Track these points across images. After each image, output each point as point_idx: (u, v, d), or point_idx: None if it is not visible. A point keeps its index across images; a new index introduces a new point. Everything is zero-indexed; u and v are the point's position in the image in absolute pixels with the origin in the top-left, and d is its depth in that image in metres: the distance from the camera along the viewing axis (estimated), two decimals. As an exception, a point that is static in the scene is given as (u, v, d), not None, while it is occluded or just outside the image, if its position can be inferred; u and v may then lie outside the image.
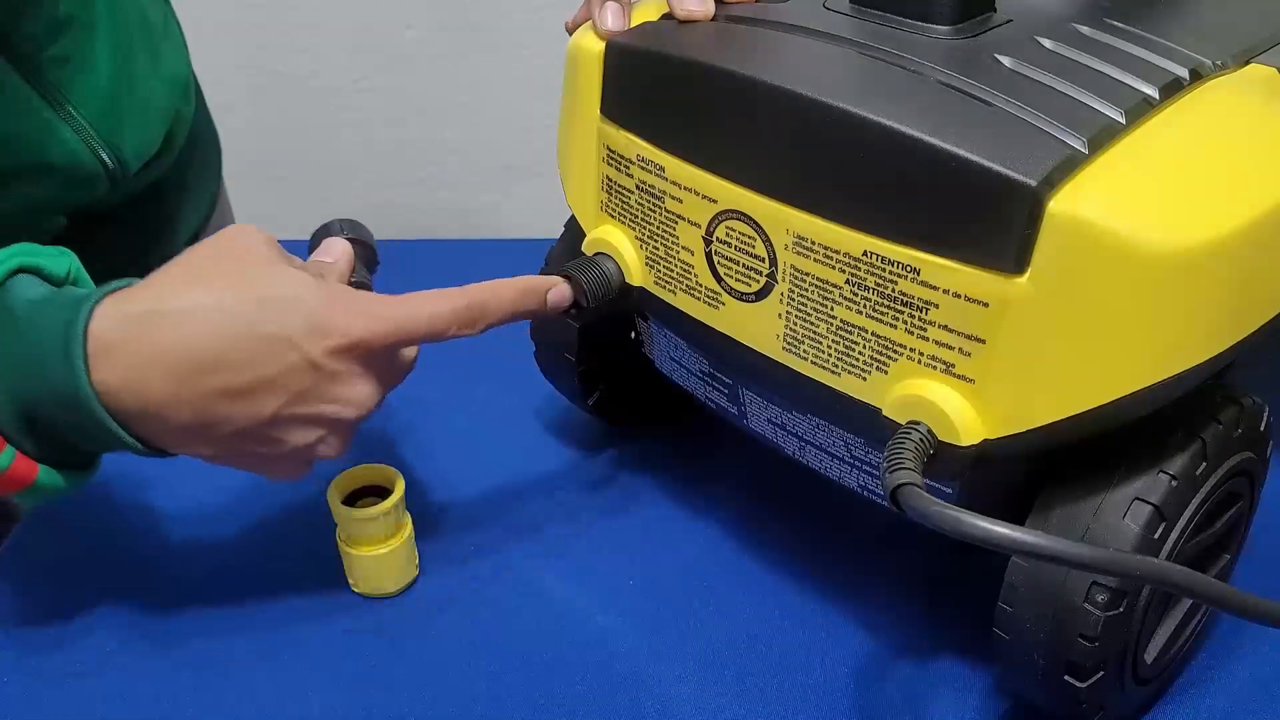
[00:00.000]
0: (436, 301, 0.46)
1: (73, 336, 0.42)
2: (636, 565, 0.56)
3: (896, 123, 0.38)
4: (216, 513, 0.59)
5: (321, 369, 0.44)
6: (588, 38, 0.49)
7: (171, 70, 0.71)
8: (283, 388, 0.44)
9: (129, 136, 0.64)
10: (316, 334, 0.44)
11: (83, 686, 0.50)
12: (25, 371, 0.43)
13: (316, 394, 0.45)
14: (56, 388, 0.43)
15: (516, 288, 0.49)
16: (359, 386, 0.46)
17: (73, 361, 0.42)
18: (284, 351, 0.44)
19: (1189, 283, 0.37)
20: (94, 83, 0.61)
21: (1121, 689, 0.44)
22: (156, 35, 0.69)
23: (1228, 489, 0.44)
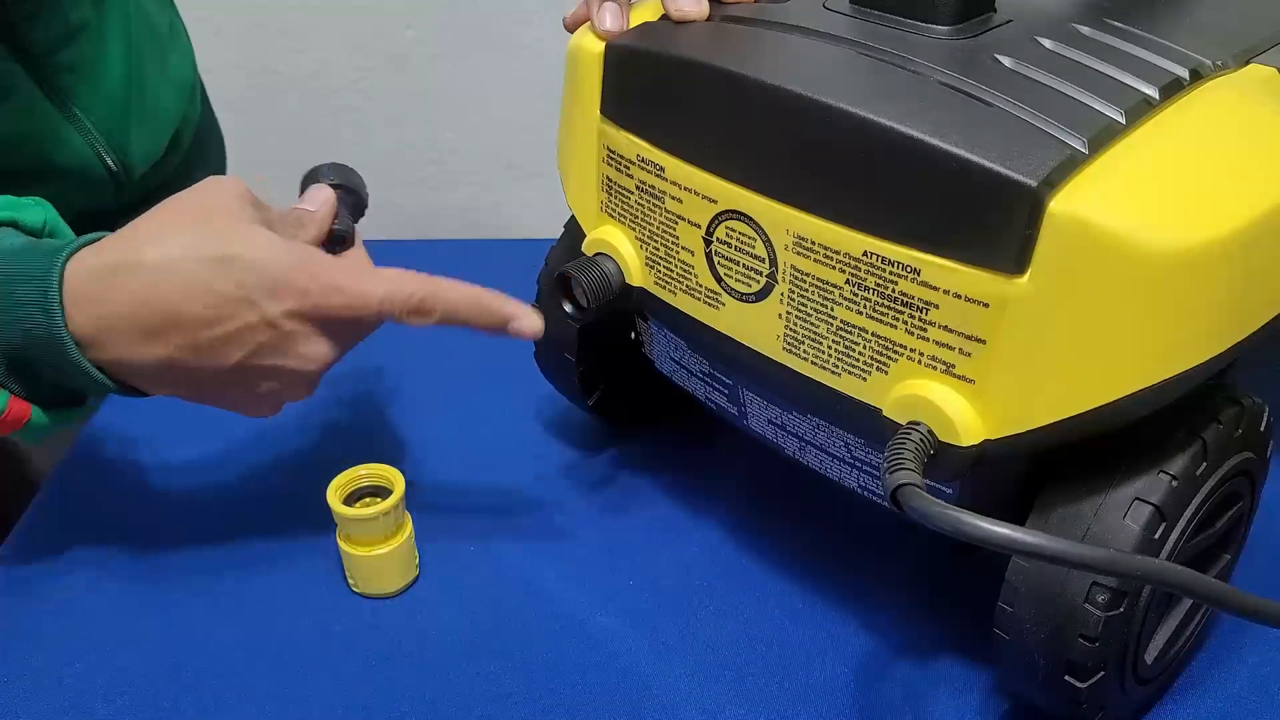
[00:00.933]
0: (394, 284, 0.48)
1: (49, 286, 0.45)
2: (636, 565, 0.56)
3: (897, 123, 0.38)
4: (216, 512, 0.59)
5: (278, 327, 0.47)
6: (588, 38, 0.49)
7: (179, 75, 0.71)
8: (242, 343, 0.47)
9: (135, 142, 0.64)
10: (273, 296, 0.46)
11: (82, 686, 0.50)
12: (7, 319, 0.45)
13: (274, 350, 0.47)
14: (37, 335, 0.45)
15: (476, 303, 0.50)
16: (316, 344, 0.48)
17: (50, 310, 0.45)
18: (243, 310, 0.46)
19: (1189, 283, 0.37)
20: (103, 89, 0.62)
21: (1122, 689, 0.44)
22: (163, 41, 0.69)
23: (1228, 489, 0.44)
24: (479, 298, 0.50)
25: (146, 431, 0.65)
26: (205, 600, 0.54)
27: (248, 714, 0.49)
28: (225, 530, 0.58)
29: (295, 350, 0.48)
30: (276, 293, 0.46)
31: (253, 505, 0.60)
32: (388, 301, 0.48)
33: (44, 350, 0.46)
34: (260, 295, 0.46)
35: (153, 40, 0.67)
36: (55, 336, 0.45)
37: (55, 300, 0.45)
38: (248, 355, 0.47)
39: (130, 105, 0.64)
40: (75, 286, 0.45)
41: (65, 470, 0.63)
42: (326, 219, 0.53)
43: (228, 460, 0.63)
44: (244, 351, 0.47)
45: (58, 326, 0.45)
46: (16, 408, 0.47)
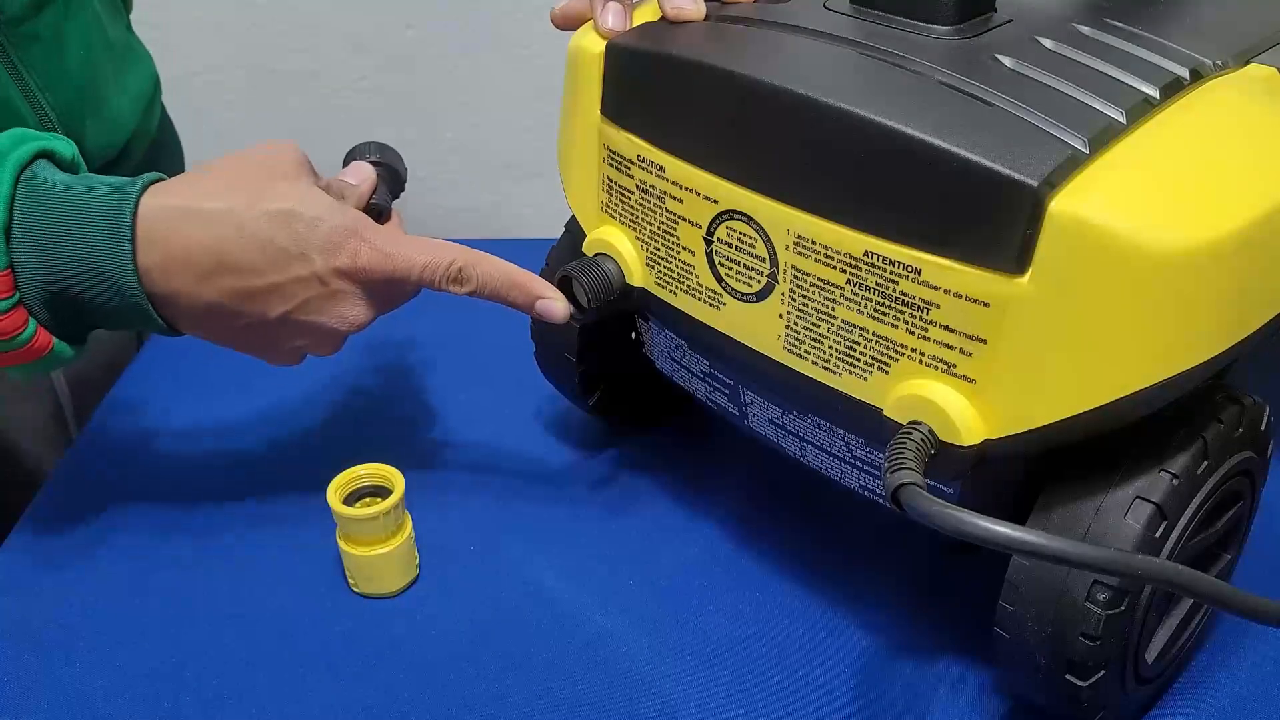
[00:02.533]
0: (436, 252, 0.50)
1: (121, 218, 0.47)
2: (636, 565, 0.56)
3: (897, 123, 0.38)
4: (216, 512, 0.59)
5: (327, 284, 0.49)
6: (588, 38, 0.49)
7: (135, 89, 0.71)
8: (289, 295, 0.49)
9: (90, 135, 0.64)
10: (327, 253, 0.49)
11: (82, 686, 0.50)
12: (64, 249, 0.47)
13: (317, 306, 0.50)
14: (100, 266, 0.47)
15: (509, 279, 0.52)
16: (356, 306, 0.51)
17: (120, 242, 0.47)
18: (295, 264, 0.48)
19: (1190, 283, 0.37)
20: (64, 69, 0.62)
21: (1123, 688, 0.44)
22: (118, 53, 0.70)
23: (1229, 488, 0.44)
24: (512, 274, 0.52)
25: (146, 431, 0.65)
26: (205, 600, 0.54)
27: (248, 714, 0.49)
28: (225, 530, 0.58)
29: (336, 309, 0.50)
30: (330, 250, 0.49)
31: (252, 505, 0.60)
32: (430, 268, 0.50)
33: (99, 282, 0.47)
34: (315, 251, 0.48)
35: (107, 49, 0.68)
36: (120, 268, 0.47)
37: (127, 234, 0.47)
38: (292, 309, 0.49)
39: (86, 97, 0.64)
40: (144, 223, 0.47)
41: (65, 470, 0.63)
42: (365, 193, 0.56)
43: (227, 460, 0.63)
44: (289, 305, 0.49)
45: (125, 259, 0.47)
46: (41, 338, 0.48)
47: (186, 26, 1.21)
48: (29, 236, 0.47)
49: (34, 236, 0.47)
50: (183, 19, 1.20)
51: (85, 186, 0.48)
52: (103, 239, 0.47)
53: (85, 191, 0.47)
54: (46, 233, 0.47)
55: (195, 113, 1.12)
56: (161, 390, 0.69)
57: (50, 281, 0.47)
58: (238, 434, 0.65)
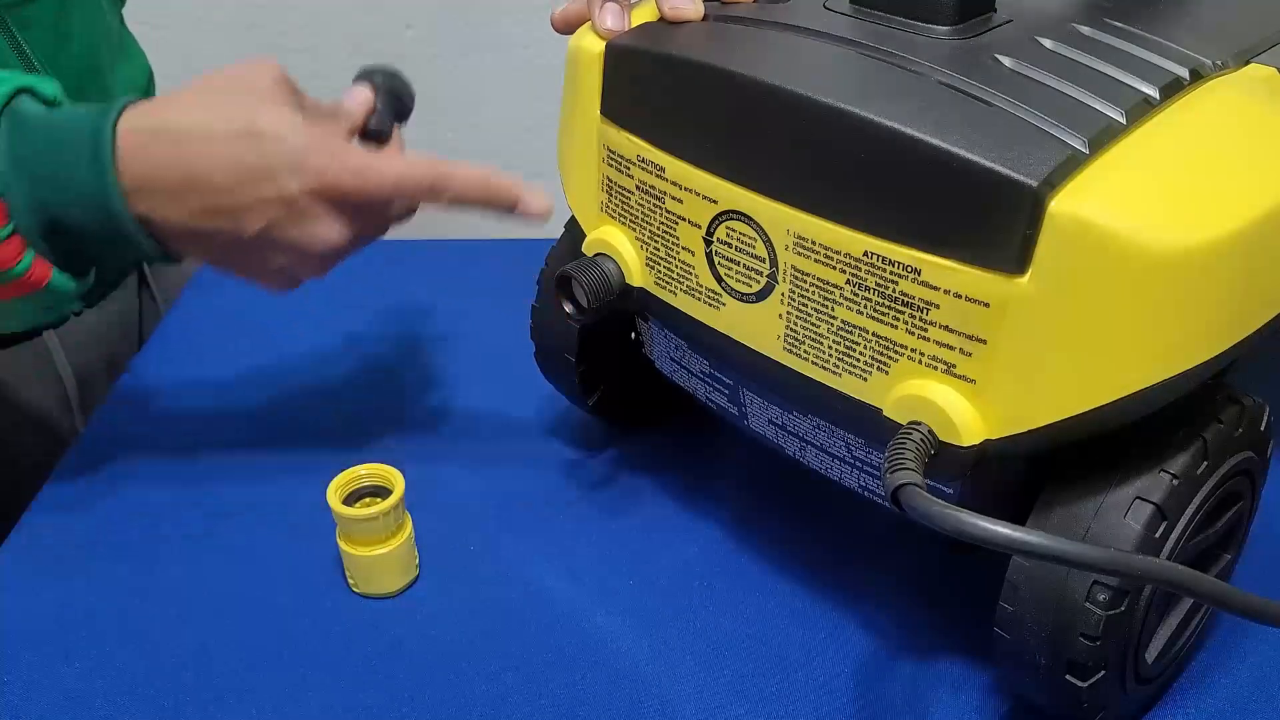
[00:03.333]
0: (408, 167, 0.50)
1: (101, 141, 0.47)
2: (636, 565, 0.56)
3: (897, 123, 0.38)
4: (215, 512, 0.59)
5: (295, 204, 0.49)
6: (588, 38, 0.49)
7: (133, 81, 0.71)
8: (259, 214, 0.49)
9: None
10: (293, 171, 0.48)
11: (82, 686, 0.50)
12: (51, 176, 0.47)
13: (289, 225, 0.49)
14: (83, 190, 0.47)
15: (485, 185, 0.51)
16: (330, 225, 0.50)
17: (102, 165, 0.47)
18: (262, 182, 0.48)
19: (1190, 283, 0.37)
20: (66, 53, 0.62)
21: (1123, 688, 0.44)
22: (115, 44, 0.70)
23: (1229, 488, 0.44)
24: (487, 179, 0.51)
25: (145, 432, 0.65)
26: (205, 600, 0.54)
27: (248, 714, 0.49)
28: (225, 530, 0.58)
29: (309, 228, 0.50)
30: (296, 169, 0.48)
31: (253, 505, 0.60)
32: (401, 183, 0.50)
33: (87, 207, 0.48)
34: (281, 170, 0.48)
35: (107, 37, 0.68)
36: (103, 190, 0.47)
37: (108, 155, 0.47)
38: (265, 226, 0.49)
39: (90, 83, 0.64)
40: (122, 143, 0.48)
41: (65, 469, 0.63)
42: (359, 116, 0.56)
43: (227, 460, 0.63)
44: (261, 222, 0.49)
45: (108, 180, 0.47)
46: (39, 268, 0.49)
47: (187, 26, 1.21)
48: (15, 166, 0.47)
49: (20, 165, 0.47)
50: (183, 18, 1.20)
51: (66, 114, 0.48)
52: (85, 163, 0.47)
53: (66, 119, 0.48)
54: (33, 162, 0.47)
55: (195, 113, 1.11)
56: (161, 390, 0.69)
57: (42, 210, 0.48)
58: (238, 433, 0.65)
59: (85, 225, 0.48)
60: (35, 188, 0.47)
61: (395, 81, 0.60)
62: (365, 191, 0.50)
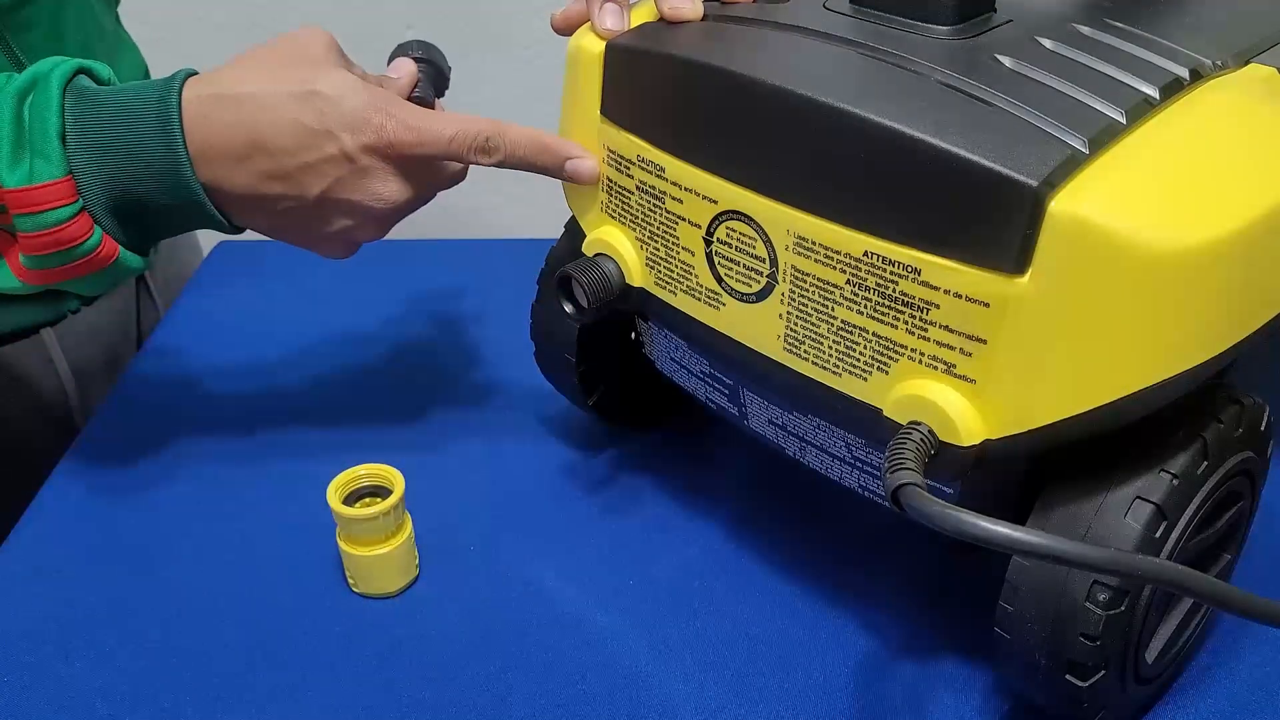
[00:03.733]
0: (463, 124, 0.51)
1: (169, 110, 0.49)
2: (636, 565, 0.56)
3: (897, 123, 0.38)
4: (216, 511, 0.59)
5: (355, 162, 0.50)
6: (588, 38, 0.49)
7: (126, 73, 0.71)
8: (321, 174, 0.50)
9: None
10: (353, 130, 0.49)
11: (82, 685, 0.50)
12: (120, 148, 0.48)
13: (351, 185, 0.50)
14: (153, 159, 0.49)
15: (538, 142, 0.52)
16: (390, 183, 0.51)
17: (171, 133, 0.48)
18: (323, 143, 0.49)
19: (1190, 283, 0.37)
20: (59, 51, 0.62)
21: (1123, 688, 0.44)
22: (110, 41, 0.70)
23: (1229, 488, 0.44)
24: (539, 137, 0.52)
25: (145, 432, 0.65)
26: (205, 600, 0.54)
27: (248, 714, 0.49)
28: (225, 530, 0.58)
29: (369, 186, 0.51)
30: (355, 127, 0.49)
31: (253, 505, 0.60)
32: (457, 140, 0.51)
33: (156, 176, 0.49)
34: (340, 129, 0.49)
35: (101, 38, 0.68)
36: (174, 158, 0.48)
37: (176, 124, 0.48)
38: (327, 188, 0.50)
39: None
40: (185, 111, 0.49)
41: (66, 469, 0.63)
42: (406, 87, 0.57)
43: (227, 460, 0.63)
44: (323, 184, 0.50)
45: (178, 147, 0.48)
46: (108, 246, 0.50)
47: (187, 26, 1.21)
48: (84, 141, 0.48)
49: (89, 140, 0.48)
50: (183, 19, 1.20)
51: (129, 88, 0.50)
52: (154, 132, 0.48)
53: (130, 92, 0.49)
54: (100, 135, 0.48)
55: (195, 113, 1.11)
56: (161, 390, 0.69)
57: (110, 184, 0.49)
58: (238, 433, 0.65)
59: (154, 196, 0.50)
60: (104, 162, 0.48)
61: (434, 53, 0.61)
62: (423, 146, 0.50)
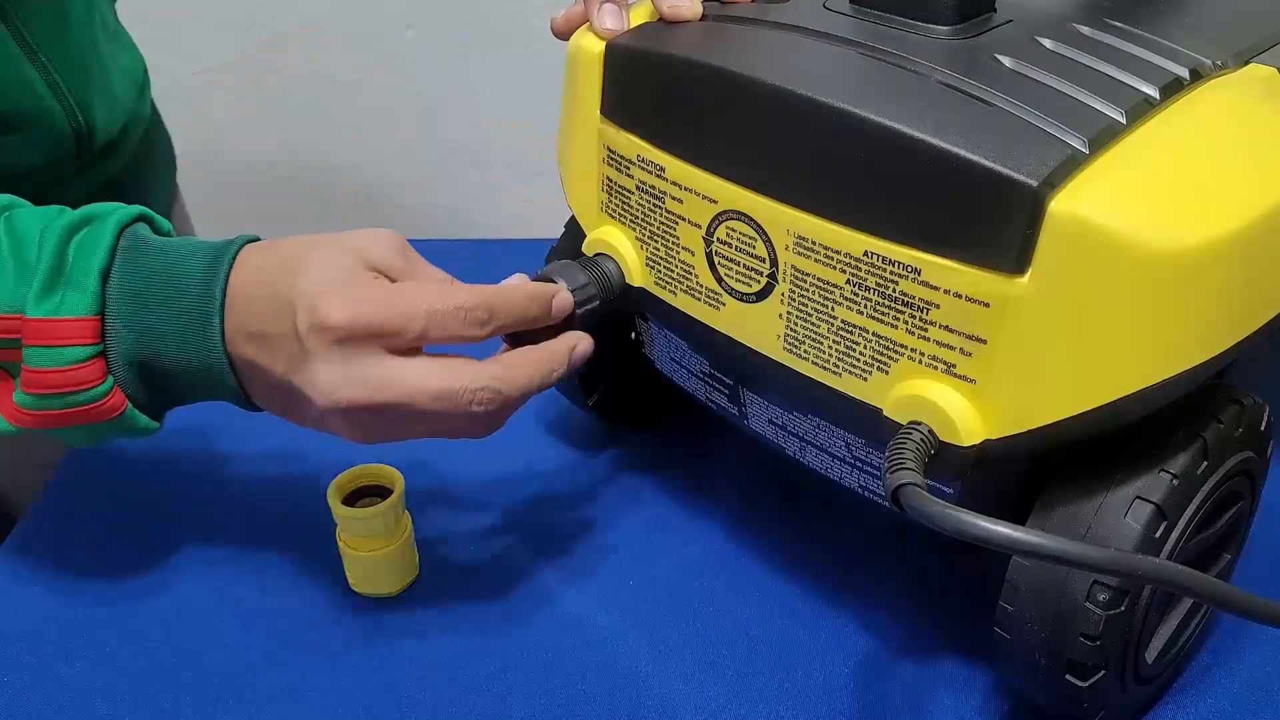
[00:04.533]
0: (442, 295, 0.44)
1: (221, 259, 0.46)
2: (636, 565, 0.56)
3: (897, 123, 0.38)
4: (216, 512, 0.59)
5: (301, 341, 0.44)
6: (588, 38, 0.49)
7: (129, 69, 0.72)
8: (279, 350, 0.44)
9: (98, 109, 0.65)
10: (307, 309, 0.43)
11: (82, 685, 0.50)
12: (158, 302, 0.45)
13: (295, 367, 0.44)
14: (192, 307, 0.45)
15: (525, 292, 0.47)
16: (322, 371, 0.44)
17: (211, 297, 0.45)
18: (284, 315, 0.44)
19: (1190, 283, 0.37)
20: (68, 39, 0.62)
21: (1123, 688, 0.44)
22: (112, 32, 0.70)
23: (1229, 488, 0.44)
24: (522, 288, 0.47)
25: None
26: (205, 600, 0.54)
27: (248, 714, 0.49)
28: (225, 530, 0.58)
29: (304, 372, 0.44)
30: (310, 306, 0.43)
31: (253, 505, 0.60)
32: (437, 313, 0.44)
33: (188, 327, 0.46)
34: (299, 305, 0.44)
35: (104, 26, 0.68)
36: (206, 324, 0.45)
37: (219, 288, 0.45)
38: (285, 368, 0.45)
39: (93, 73, 0.65)
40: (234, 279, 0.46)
41: (67, 469, 0.63)
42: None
43: (228, 460, 0.63)
44: (282, 363, 0.45)
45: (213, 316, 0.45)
46: (115, 398, 0.46)
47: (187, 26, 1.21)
48: (125, 286, 0.45)
49: (129, 286, 0.45)
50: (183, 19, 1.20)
51: (185, 240, 0.47)
52: (197, 291, 0.45)
53: (186, 242, 0.47)
54: (142, 283, 0.45)
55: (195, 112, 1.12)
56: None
57: (141, 335, 0.46)
58: (238, 433, 0.65)
59: (180, 356, 0.46)
60: (139, 311, 0.46)
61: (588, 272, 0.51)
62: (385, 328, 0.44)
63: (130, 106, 0.70)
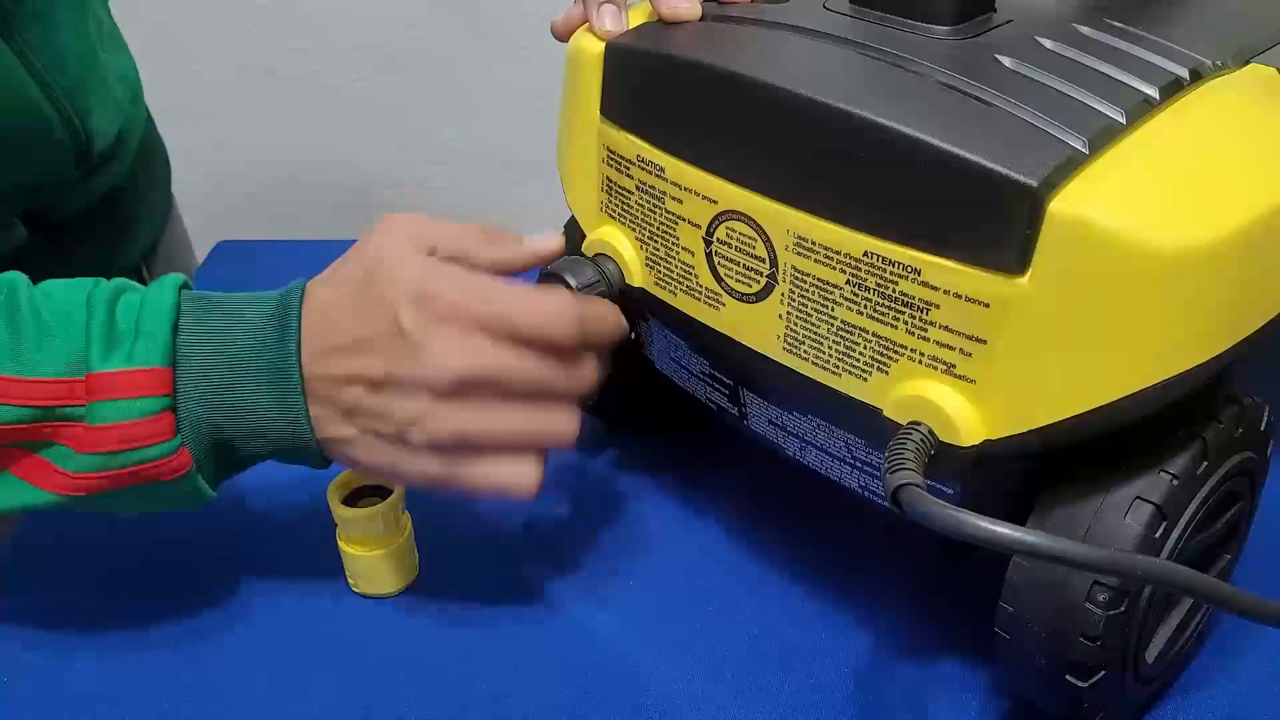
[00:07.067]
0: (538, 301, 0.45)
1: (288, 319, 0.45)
2: (636, 565, 0.56)
3: (897, 123, 0.38)
4: (216, 512, 0.59)
5: (405, 335, 0.43)
6: (587, 38, 0.49)
7: (124, 72, 0.71)
8: (378, 351, 0.44)
9: (95, 116, 0.65)
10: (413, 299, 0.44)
11: (81, 687, 0.50)
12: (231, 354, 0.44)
13: (401, 358, 0.44)
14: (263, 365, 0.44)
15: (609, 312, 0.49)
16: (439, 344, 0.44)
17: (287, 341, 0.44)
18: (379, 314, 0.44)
19: (1190, 283, 0.37)
20: (65, 48, 0.62)
21: (1123, 688, 0.44)
22: (106, 33, 0.70)
23: (1228, 488, 0.44)
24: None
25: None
26: (205, 600, 0.54)
27: (248, 714, 0.49)
28: (225, 530, 0.58)
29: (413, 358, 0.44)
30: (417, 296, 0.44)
31: (253, 505, 0.60)
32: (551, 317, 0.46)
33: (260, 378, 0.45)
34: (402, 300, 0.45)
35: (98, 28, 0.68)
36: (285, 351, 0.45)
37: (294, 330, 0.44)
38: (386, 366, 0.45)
39: (88, 78, 0.64)
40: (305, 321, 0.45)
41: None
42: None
43: (228, 460, 0.63)
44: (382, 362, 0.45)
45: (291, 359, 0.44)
46: (183, 456, 0.44)
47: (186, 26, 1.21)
48: (193, 337, 0.44)
49: (198, 338, 0.45)
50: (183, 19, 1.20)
51: (243, 296, 0.46)
52: (272, 339, 0.44)
53: (246, 298, 0.46)
54: (212, 331, 0.45)
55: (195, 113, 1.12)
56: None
57: (212, 390, 0.44)
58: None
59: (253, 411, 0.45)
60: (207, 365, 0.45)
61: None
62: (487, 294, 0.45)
63: (126, 109, 0.70)
